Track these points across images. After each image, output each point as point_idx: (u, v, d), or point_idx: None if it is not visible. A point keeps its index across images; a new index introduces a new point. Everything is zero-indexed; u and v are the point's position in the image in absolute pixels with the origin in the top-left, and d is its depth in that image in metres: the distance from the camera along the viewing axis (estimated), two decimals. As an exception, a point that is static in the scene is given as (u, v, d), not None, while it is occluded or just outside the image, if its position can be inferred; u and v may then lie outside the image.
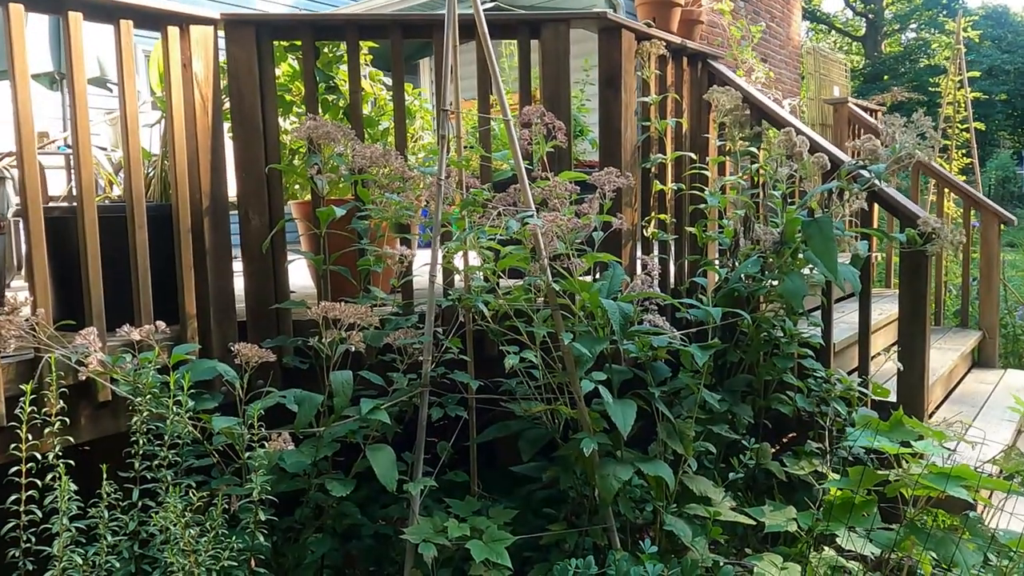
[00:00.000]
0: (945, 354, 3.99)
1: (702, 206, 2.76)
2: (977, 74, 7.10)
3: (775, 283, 2.47)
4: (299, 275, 2.95)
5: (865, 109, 5.36)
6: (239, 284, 2.37)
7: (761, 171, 2.84)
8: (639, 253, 2.78)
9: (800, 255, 2.32)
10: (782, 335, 2.44)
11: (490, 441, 2.31)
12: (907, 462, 1.89)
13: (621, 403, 2.01)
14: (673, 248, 2.98)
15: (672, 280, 2.96)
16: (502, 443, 2.38)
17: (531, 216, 1.99)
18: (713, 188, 2.72)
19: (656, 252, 2.85)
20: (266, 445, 1.67)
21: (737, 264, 2.45)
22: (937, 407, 3.69)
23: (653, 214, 2.85)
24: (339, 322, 1.77)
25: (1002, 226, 4.64)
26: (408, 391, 1.89)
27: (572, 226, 1.92)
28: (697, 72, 3.14)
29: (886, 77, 25.29)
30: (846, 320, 3.62)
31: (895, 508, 2.20)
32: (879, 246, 5.24)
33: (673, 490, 2.18)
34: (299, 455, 1.76)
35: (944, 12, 26.05)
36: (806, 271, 2.51)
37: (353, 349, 1.97)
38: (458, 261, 2.26)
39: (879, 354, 3.86)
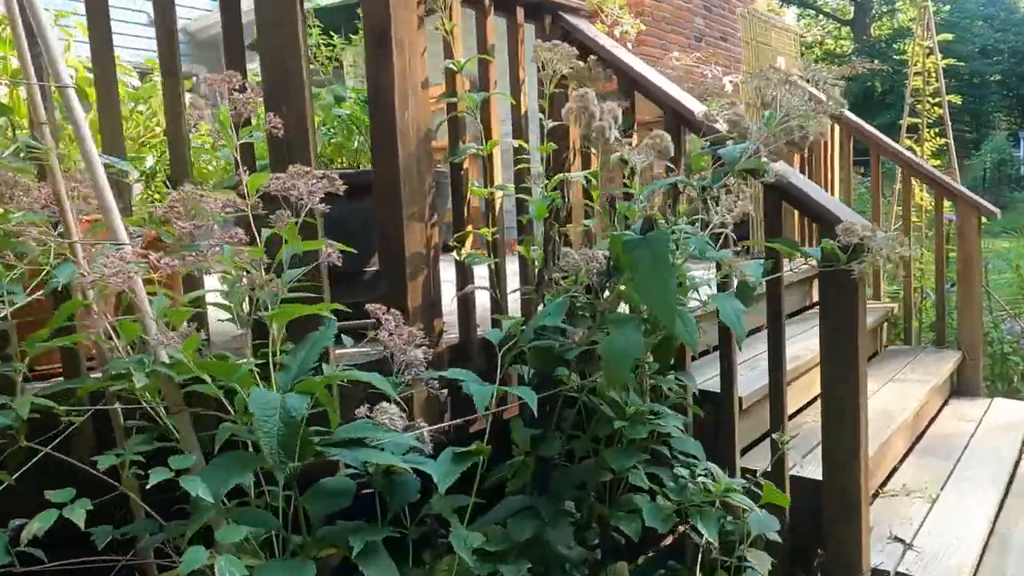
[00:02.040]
0: (912, 388, 3.13)
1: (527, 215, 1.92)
2: (950, 37, 6.19)
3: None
4: None
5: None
6: None
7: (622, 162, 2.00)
8: (449, 287, 1.94)
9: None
10: (623, 416, 1.58)
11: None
12: None
13: (298, 569, 1.17)
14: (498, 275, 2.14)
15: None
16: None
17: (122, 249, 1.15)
18: (541, 188, 1.87)
19: (475, 283, 2.02)
20: None
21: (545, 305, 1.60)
22: (901, 461, 2.84)
23: (470, 228, 2.01)
24: None
25: (984, 220, 3.78)
26: None
27: (170, 267, 1.08)
28: (545, 30, 2.29)
29: (875, 61, 24.38)
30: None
31: None
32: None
33: None
34: None
35: (933, -9, 25.23)
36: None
37: None
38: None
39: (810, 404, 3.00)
